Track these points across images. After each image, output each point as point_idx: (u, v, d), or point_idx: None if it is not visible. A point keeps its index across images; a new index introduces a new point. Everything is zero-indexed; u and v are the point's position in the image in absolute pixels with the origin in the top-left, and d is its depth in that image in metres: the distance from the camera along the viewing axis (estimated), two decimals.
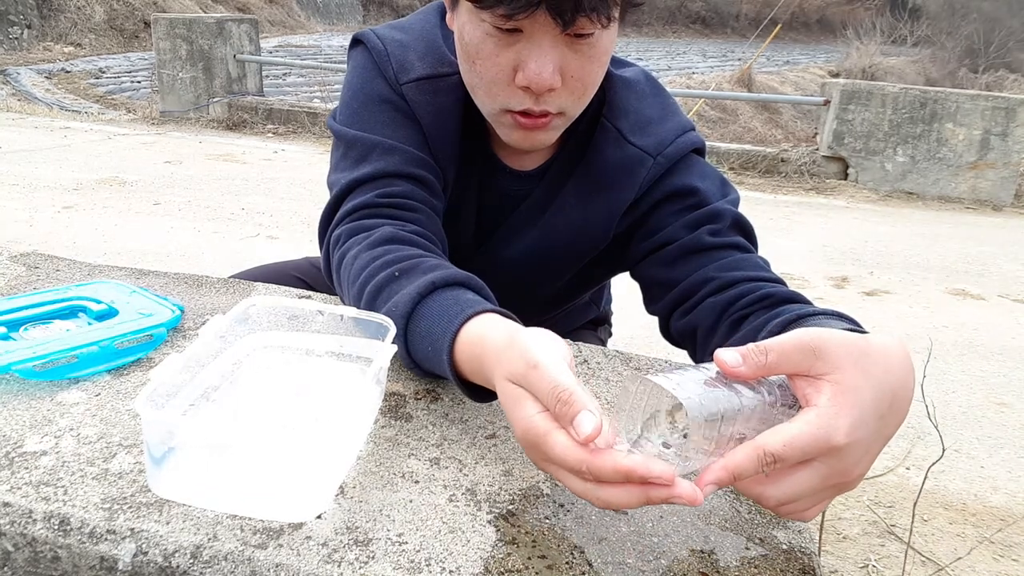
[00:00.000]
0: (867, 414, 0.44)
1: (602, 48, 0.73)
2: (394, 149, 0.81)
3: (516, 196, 0.90)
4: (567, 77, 0.72)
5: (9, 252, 0.92)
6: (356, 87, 0.86)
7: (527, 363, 0.47)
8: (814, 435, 0.43)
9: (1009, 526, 1.64)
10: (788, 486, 0.44)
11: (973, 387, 2.35)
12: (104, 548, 0.48)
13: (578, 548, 0.51)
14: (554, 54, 0.70)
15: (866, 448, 0.45)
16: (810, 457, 0.43)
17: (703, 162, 0.89)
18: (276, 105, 6.25)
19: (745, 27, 24.11)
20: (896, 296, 3.18)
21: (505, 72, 0.72)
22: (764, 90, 11.16)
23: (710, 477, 0.43)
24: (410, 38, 0.87)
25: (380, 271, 0.69)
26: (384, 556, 0.48)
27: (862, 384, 0.44)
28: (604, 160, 0.86)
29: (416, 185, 0.81)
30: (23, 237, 3.14)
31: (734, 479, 0.43)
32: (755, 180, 5.29)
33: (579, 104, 0.77)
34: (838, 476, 0.44)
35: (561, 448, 0.44)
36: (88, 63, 9.60)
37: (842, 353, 0.44)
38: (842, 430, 0.43)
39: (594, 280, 1.03)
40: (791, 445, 0.42)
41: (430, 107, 0.84)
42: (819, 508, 0.48)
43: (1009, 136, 4.87)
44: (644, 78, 0.91)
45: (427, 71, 0.84)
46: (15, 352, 0.63)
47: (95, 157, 4.70)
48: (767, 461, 0.42)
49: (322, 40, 14.63)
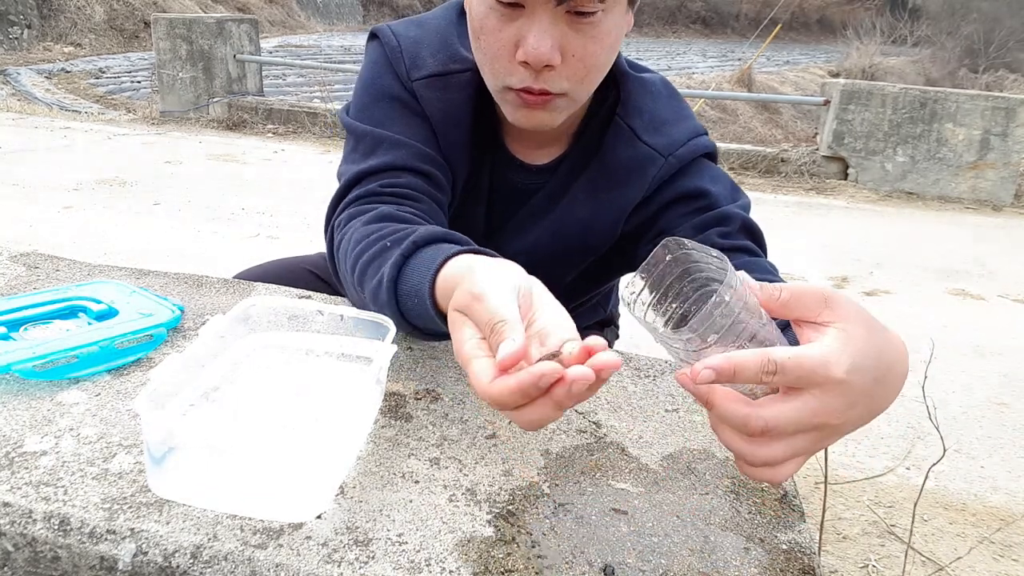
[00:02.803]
0: (867, 365, 0.45)
1: (605, 29, 0.73)
2: (401, 144, 0.82)
3: (527, 190, 0.91)
4: (568, 56, 0.72)
5: (9, 252, 0.92)
6: (368, 82, 0.87)
7: (472, 294, 0.49)
8: (817, 359, 0.43)
9: (1009, 526, 1.64)
10: (777, 411, 0.44)
11: (973, 387, 2.35)
12: (104, 548, 0.48)
13: (578, 548, 0.51)
14: (554, 31, 0.71)
15: (857, 398, 0.45)
16: (806, 384, 0.44)
17: (714, 166, 0.90)
18: (276, 105, 6.25)
19: (745, 27, 24.11)
20: (896, 296, 3.18)
21: (506, 47, 0.73)
22: (764, 90, 11.16)
23: (711, 362, 0.43)
24: (425, 34, 0.88)
25: (374, 244, 0.69)
26: (384, 556, 0.48)
27: (865, 337, 0.45)
28: (616, 158, 0.87)
29: (422, 179, 0.81)
30: (23, 237, 3.14)
31: (733, 372, 0.43)
32: (755, 180, 5.28)
33: (583, 87, 0.77)
34: (825, 415, 0.44)
35: (475, 378, 0.45)
36: (88, 63, 9.59)
37: (851, 309, 0.46)
38: (843, 365, 0.44)
39: (600, 279, 1.03)
40: (795, 359, 0.43)
41: (440, 103, 0.85)
42: (794, 463, 0.47)
43: (1009, 136, 4.87)
44: (660, 82, 0.92)
45: (438, 68, 0.85)
46: (15, 352, 0.63)
47: (95, 157, 4.70)
48: (768, 369, 0.43)
49: (322, 40, 14.63)
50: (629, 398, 0.72)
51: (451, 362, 0.75)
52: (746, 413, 0.44)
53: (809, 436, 0.46)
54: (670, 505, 0.57)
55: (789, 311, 0.46)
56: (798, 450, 0.46)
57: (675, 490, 0.59)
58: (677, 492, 0.59)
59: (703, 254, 0.47)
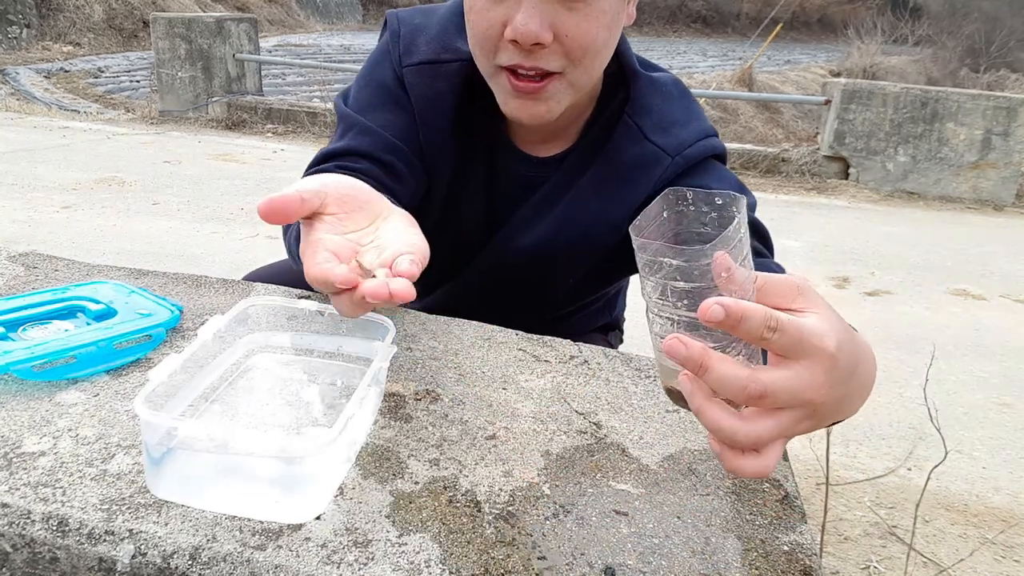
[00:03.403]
0: (848, 349, 0.45)
1: (599, 8, 0.72)
2: (370, 131, 0.83)
3: (532, 183, 0.91)
4: (561, 36, 0.72)
5: (8, 252, 0.92)
6: (366, 67, 0.91)
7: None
8: (811, 329, 0.44)
9: (1011, 527, 1.64)
10: (775, 375, 0.44)
11: (974, 387, 2.35)
12: (103, 549, 0.48)
13: (578, 549, 0.51)
14: (544, 8, 0.71)
15: (840, 378, 0.45)
16: (800, 352, 0.44)
17: (722, 167, 0.89)
18: (275, 105, 6.24)
19: (746, 26, 24.10)
20: (897, 296, 3.18)
21: (495, 27, 0.73)
22: (765, 90, 11.15)
23: (723, 300, 0.42)
24: (428, 22, 0.89)
25: None
26: (384, 557, 0.48)
27: (842, 326, 0.46)
28: (622, 156, 0.87)
29: (379, 168, 0.82)
30: (21, 237, 3.13)
31: (741, 316, 0.42)
32: (756, 180, 5.28)
33: (580, 69, 0.76)
34: (813, 390, 0.44)
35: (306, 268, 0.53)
36: (87, 62, 9.59)
37: (822, 302, 0.47)
38: (833, 340, 0.44)
39: (608, 279, 1.03)
40: (795, 322, 0.43)
41: (427, 91, 0.86)
42: (776, 452, 0.46)
43: (1010, 136, 4.86)
44: (672, 81, 0.92)
45: (428, 56, 0.86)
46: (13, 352, 0.63)
47: (94, 157, 4.70)
48: (771, 325, 0.42)
49: (321, 39, 14.63)
50: (630, 399, 0.72)
51: (451, 362, 0.75)
52: (747, 375, 0.43)
53: (795, 413, 0.45)
54: (671, 506, 0.57)
55: (764, 296, 0.46)
56: (784, 429, 0.45)
57: (676, 491, 0.59)
58: (678, 493, 0.59)
59: (700, 207, 0.47)
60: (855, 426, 2.00)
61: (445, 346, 0.78)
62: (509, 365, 0.76)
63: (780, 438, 0.46)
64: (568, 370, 0.76)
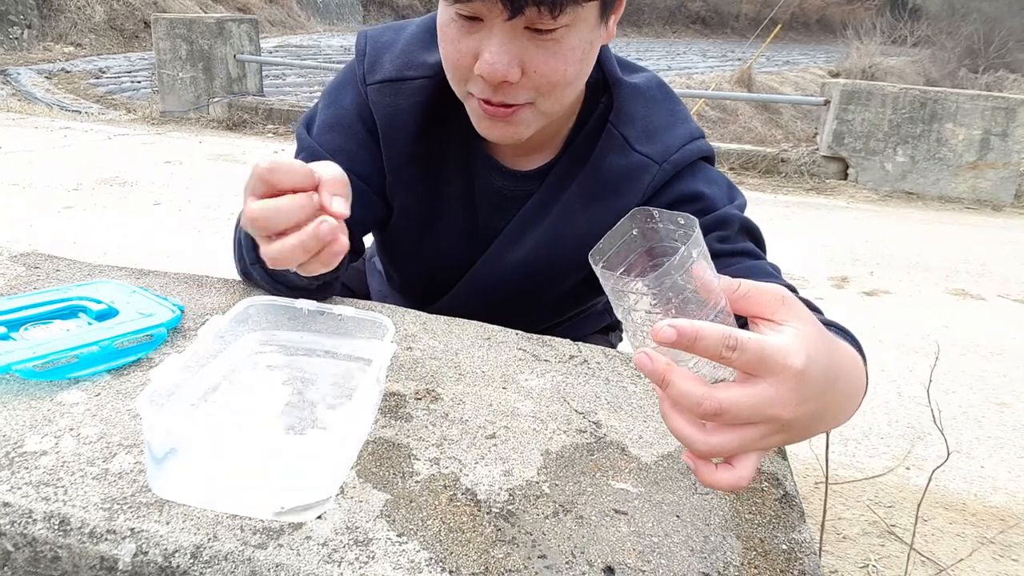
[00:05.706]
0: (820, 364, 0.45)
1: (569, 45, 0.71)
2: (317, 156, 0.84)
3: (516, 197, 0.90)
4: (529, 71, 0.71)
5: (9, 252, 0.92)
6: (330, 86, 0.92)
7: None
8: (776, 347, 0.44)
9: (1010, 527, 1.64)
10: (732, 393, 0.44)
11: (973, 387, 2.35)
12: (104, 548, 0.48)
13: (578, 548, 0.51)
14: (513, 46, 0.69)
15: (810, 394, 0.45)
16: (764, 370, 0.44)
17: (710, 168, 0.88)
18: (276, 105, 6.24)
19: (745, 27, 24.11)
20: (896, 296, 3.18)
21: (466, 58, 0.72)
22: (764, 90, 11.16)
23: (676, 322, 0.42)
24: (397, 39, 0.88)
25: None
26: (384, 556, 0.48)
27: (819, 341, 0.46)
28: (608, 166, 0.85)
29: None
30: (23, 237, 3.14)
31: (695, 336, 0.42)
32: (755, 180, 5.28)
33: (551, 100, 0.75)
34: (779, 406, 0.44)
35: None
36: (88, 63, 9.59)
37: (807, 315, 0.46)
38: (800, 357, 0.44)
39: (599, 289, 1.03)
40: (755, 340, 0.43)
41: (388, 109, 0.86)
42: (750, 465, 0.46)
43: (1009, 136, 4.87)
44: (655, 84, 0.90)
45: (391, 74, 0.86)
46: (15, 352, 0.63)
47: (95, 157, 4.70)
48: (730, 344, 0.42)
49: (322, 40, 14.63)
50: (629, 398, 0.72)
51: (451, 362, 0.75)
52: (702, 393, 0.44)
53: (760, 429, 0.45)
54: (670, 505, 0.57)
55: (748, 304, 0.46)
56: (748, 443, 0.45)
57: (675, 490, 0.59)
58: (677, 492, 0.59)
59: (667, 225, 0.48)
60: (854, 425, 2.00)
61: (445, 346, 0.79)
62: (509, 364, 0.76)
63: (746, 452, 0.46)
64: (568, 369, 0.77)
